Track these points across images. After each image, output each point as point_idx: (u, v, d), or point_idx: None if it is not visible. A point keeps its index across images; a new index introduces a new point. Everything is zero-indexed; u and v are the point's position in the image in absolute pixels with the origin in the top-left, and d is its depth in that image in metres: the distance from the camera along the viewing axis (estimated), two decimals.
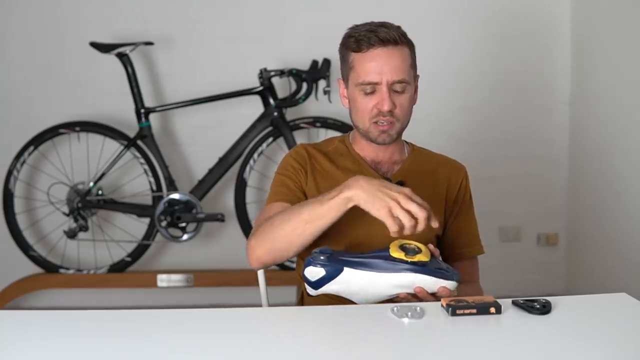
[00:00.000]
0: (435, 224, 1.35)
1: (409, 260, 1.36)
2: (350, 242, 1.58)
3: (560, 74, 3.46)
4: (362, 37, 1.57)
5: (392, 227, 1.32)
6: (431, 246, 1.44)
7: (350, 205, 1.39)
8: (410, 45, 1.61)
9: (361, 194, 1.36)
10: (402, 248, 1.38)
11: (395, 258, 1.36)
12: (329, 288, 1.39)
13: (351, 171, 1.64)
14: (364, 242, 1.56)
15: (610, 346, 1.19)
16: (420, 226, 1.33)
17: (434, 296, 1.39)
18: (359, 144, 1.70)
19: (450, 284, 1.39)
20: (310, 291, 1.41)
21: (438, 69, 3.33)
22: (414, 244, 1.39)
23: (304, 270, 1.40)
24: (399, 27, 1.60)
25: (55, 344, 1.20)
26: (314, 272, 1.38)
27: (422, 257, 1.37)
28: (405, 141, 1.75)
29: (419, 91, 1.67)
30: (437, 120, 3.30)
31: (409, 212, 1.33)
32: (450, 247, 1.71)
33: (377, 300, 1.41)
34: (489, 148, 3.42)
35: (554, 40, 3.46)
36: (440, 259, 1.46)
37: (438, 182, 1.70)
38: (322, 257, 1.37)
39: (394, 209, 1.33)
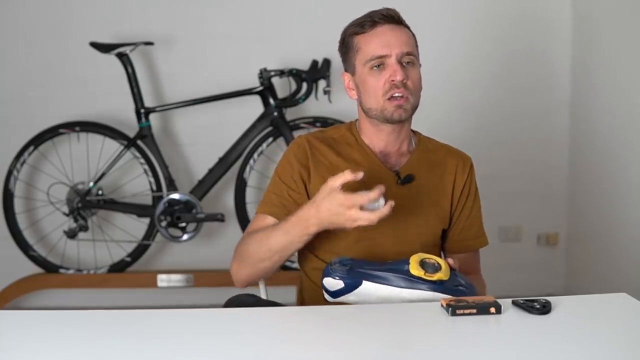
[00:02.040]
0: (388, 208, 1.37)
1: (428, 279, 1.37)
2: (358, 237, 1.59)
3: (560, 74, 3.46)
4: (364, 19, 1.59)
5: (374, 218, 1.38)
6: (450, 260, 1.45)
7: (316, 229, 1.45)
8: (411, 31, 1.63)
9: (324, 217, 1.41)
10: (422, 264, 1.39)
11: (415, 276, 1.38)
12: (347, 299, 1.41)
13: (358, 163, 1.63)
14: (371, 237, 1.57)
15: (610, 346, 1.19)
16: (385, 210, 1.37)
17: None
18: (368, 133, 1.66)
19: None
20: (328, 298, 1.44)
21: (438, 68, 3.32)
22: (434, 259, 1.41)
23: (322, 279, 1.43)
24: (398, 12, 1.62)
25: (55, 344, 1.20)
26: (332, 283, 1.41)
27: (441, 276, 1.38)
28: (413, 130, 1.73)
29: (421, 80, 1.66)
30: (437, 121, 3.29)
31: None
32: (456, 240, 1.71)
33: None
34: (489, 148, 3.42)
35: (554, 40, 3.46)
36: (457, 270, 1.47)
37: (445, 175, 1.69)
38: (341, 270, 1.40)
39: (354, 223, 1.39)
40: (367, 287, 1.39)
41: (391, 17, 1.58)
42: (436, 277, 1.37)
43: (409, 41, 1.59)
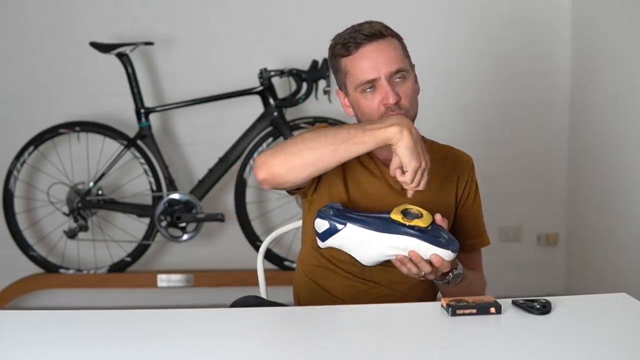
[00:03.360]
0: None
1: (406, 223, 1.39)
2: None
3: (560, 73, 3.46)
4: (347, 40, 1.56)
5: (410, 183, 1.42)
6: (438, 216, 1.45)
7: (389, 142, 1.41)
8: (397, 36, 1.60)
9: (408, 139, 1.40)
10: (404, 212, 1.42)
11: (394, 220, 1.41)
12: (332, 241, 1.45)
13: (364, 166, 1.65)
14: None
15: (610, 346, 1.19)
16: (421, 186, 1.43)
17: (429, 263, 1.41)
18: None
19: (444, 253, 1.39)
20: (319, 243, 1.47)
21: (437, 68, 3.32)
22: (417, 209, 1.43)
23: (313, 222, 1.47)
24: (381, 22, 1.59)
25: (55, 344, 1.20)
26: (320, 224, 1.45)
27: (419, 223, 1.40)
28: None
29: (417, 82, 1.65)
30: (436, 120, 3.30)
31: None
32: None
33: (376, 260, 1.46)
34: (488, 148, 3.42)
35: (554, 40, 3.46)
36: (447, 229, 1.46)
37: (448, 175, 1.69)
38: (329, 212, 1.44)
39: (421, 169, 1.41)
40: (350, 230, 1.42)
41: (374, 34, 1.55)
42: (414, 222, 1.39)
43: (397, 55, 1.56)
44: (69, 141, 3.28)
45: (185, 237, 3.20)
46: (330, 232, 1.43)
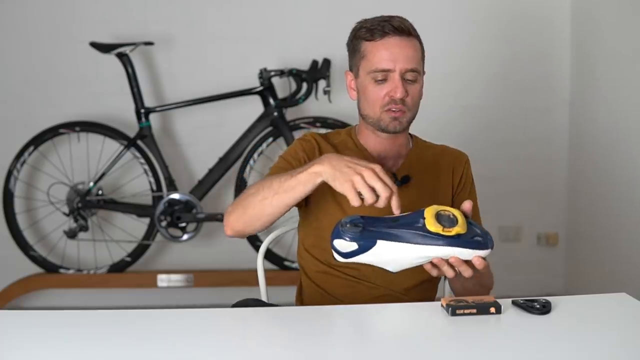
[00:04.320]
0: (396, 209, 1.33)
1: (447, 234, 1.30)
2: None
3: (560, 73, 3.46)
4: (375, 26, 1.59)
5: (353, 201, 1.32)
6: (467, 204, 1.38)
7: (318, 180, 1.39)
8: (420, 40, 1.64)
9: (328, 169, 1.37)
10: (438, 218, 1.31)
11: (432, 232, 1.30)
12: (360, 259, 1.33)
13: None
14: None
15: (610, 346, 1.18)
16: (381, 203, 1.32)
17: (468, 264, 1.34)
18: (365, 136, 1.69)
19: (485, 253, 1.33)
20: (339, 259, 1.35)
21: (437, 68, 3.30)
22: (449, 211, 1.33)
23: (332, 240, 1.33)
24: (410, 22, 1.62)
25: (55, 344, 1.20)
26: (344, 245, 1.32)
27: (459, 230, 1.30)
28: (410, 134, 1.75)
29: (423, 89, 1.67)
30: (436, 120, 3.30)
31: (373, 188, 1.32)
32: None
33: (409, 266, 1.37)
34: (488, 148, 3.42)
35: (554, 40, 3.46)
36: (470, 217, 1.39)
37: (442, 174, 1.71)
38: (353, 231, 1.31)
39: (357, 183, 1.32)
40: (382, 247, 1.31)
41: (402, 30, 1.58)
42: (454, 231, 1.30)
43: (415, 55, 1.60)
44: (69, 141, 3.28)
45: (185, 237, 3.20)
46: (357, 252, 1.32)
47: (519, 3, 3.45)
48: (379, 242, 1.31)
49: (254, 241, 3.19)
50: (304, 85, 3.15)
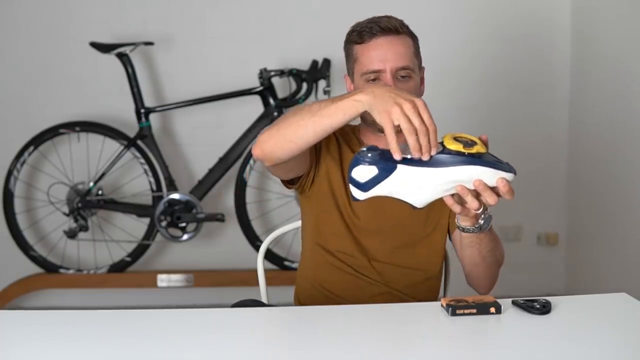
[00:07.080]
0: (433, 149, 1.24)
1: (467, 152, 1.23)
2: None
3: (560, 73, 3.46)
4: (364, 29, 1.60)
5: (388, 135, 1.24)
6: (485, 135, 1.34)
7: (360, 108, 1.33)
8: (412, 36, 1.64)
9: (370, 97, 1.30)
10: (457, 140, 1.25)
11: (452, 151, 1.24)
12: (380, 189, 1.25)
13: None
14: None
15: (610, 346, 1.19)
16: (422, 139, 1.23)
17: (493, 190, 1.28)
18: (368, 136, 1.70)
19: (509, 176, 1.27)
20: (358, 195, 1.26)
21: (436, 68, 3.30)
22: (465, 136, 1.27)
23: (350, 171, 1.25)
24: (400, 20, 1.62)
25: (55, 344, 1.20)
26: (364, 172, 1.23)
27: (479, 149, 1.25)
28: None
29: (423, 84, 1.67)
30: (436, 120, 3.29)
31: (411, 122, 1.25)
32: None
33: (433, 199, 1.29)
34: (488, 148, 3.42)
35: (554, 40, 3.46)
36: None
37: None
38: (372, 155, 1.23)
39: (394, 114, 1.25)
40: (403, 172, 1.22)
41: (389, 29, 1.58)
42: (475, 149, 1.24)
43: (406, 52, 1.59)
44: (69, 141, 3.28)
45: (185, 237, 3.20)
46: (377, 179, 1.23)
47: (519, 3, 3.44)
48: (400, 167, 1.23)
49: (254, 241, 3.20)
50: (304, 85, 3.15)
